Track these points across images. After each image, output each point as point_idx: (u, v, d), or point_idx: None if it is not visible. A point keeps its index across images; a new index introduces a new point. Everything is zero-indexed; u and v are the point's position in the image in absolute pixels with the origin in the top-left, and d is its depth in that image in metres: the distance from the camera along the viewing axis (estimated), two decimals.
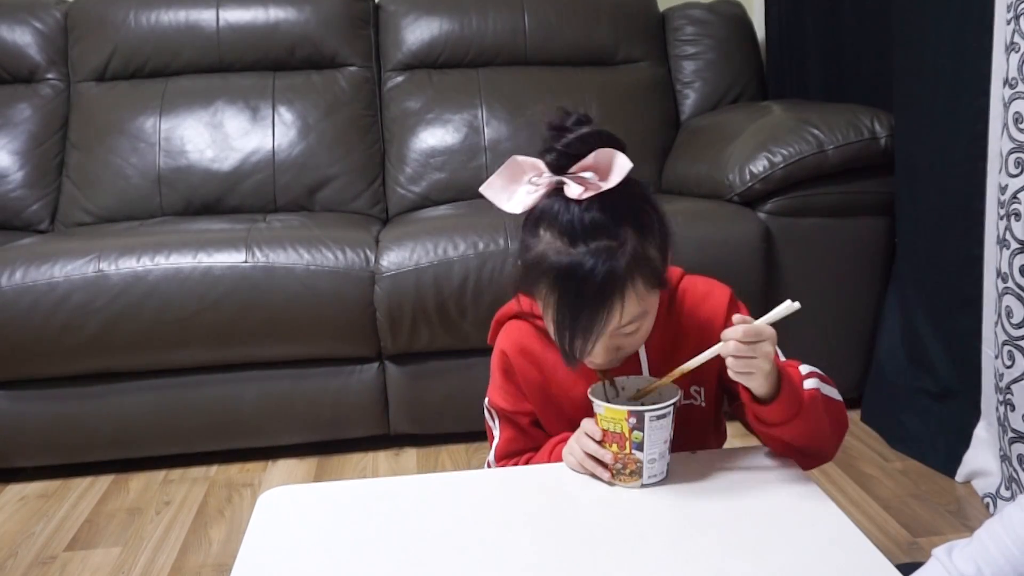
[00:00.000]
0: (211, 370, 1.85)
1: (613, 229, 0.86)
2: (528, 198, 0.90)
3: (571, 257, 0.86)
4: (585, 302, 0.87)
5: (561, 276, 0.87)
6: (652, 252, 0.90)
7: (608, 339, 0.91)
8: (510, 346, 1.05)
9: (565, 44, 2.49)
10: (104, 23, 2.38)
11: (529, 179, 0.90)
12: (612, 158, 0.86)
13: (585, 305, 0.87)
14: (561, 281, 0.87)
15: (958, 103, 1.61)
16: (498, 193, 0.92)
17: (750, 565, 0.81)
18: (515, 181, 0.91)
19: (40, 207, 2.29)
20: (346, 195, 2.34)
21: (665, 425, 0.92)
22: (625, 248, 0.86)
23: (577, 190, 0.86)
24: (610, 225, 0.86)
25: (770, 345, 0.88)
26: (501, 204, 0.92)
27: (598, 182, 0.86)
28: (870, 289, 1.98)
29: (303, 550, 0.87)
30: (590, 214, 0.86)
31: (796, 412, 0.92)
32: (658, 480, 0.94)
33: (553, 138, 0.88)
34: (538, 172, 0.90)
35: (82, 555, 1.59)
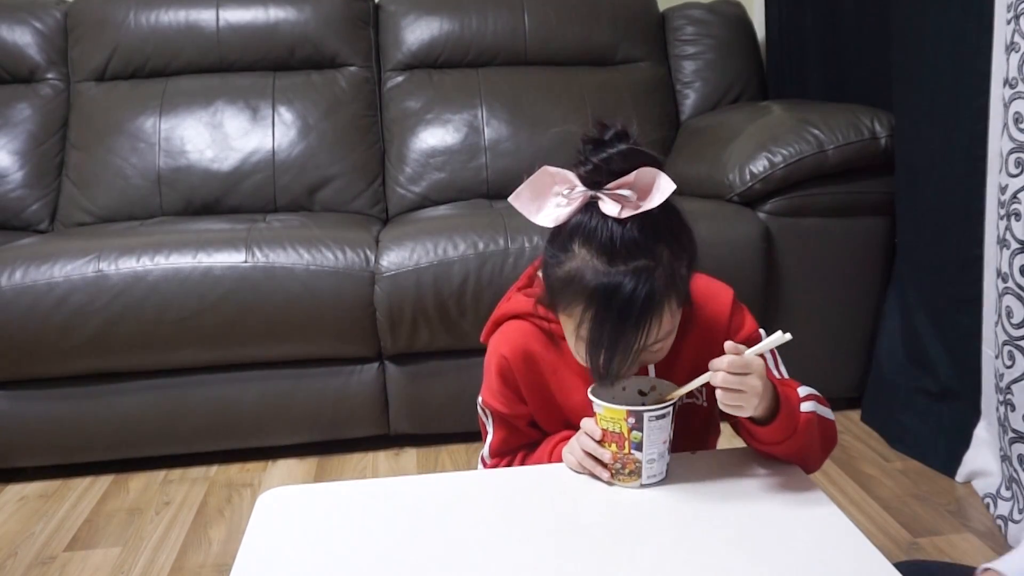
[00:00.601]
0: (211, 370, 1.85)
1: (650, 248, 0.86)
2: (560, 211, 0.88)
3: (611, 277, 0.85)
4: (625, 322, 0.86)
5: (600, 296, 0.85)
6: (683, 271, 0.89)
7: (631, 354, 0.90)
8: (511, 351, 1.03)
9: (565, 44, 2.49)
10: (104, 23, 2.38)
11: (560, 191, 0.89)
12: (655, 178, 0.85)
13: (625, 325, 0.86)
14: (600, 301, 0.86)
15: (958, 103, 1.61)
16: (527, 204, 0.90)
17: (750, 565, 0.81)
18: (544, 193, 0.90)
19: (40, 207, 2.29)
20: (346, 195, 2.34)
21: (664, 426, 0.92)
22: (661, 268, 0.86)
23: (614, 207, 0.85)
24: (648, 244, 0.86)
25: (757, 379, 0.89)
26: (530, 215, 0.90)
27: (637, 201, 0.85)
28: (870, 289, 1.98)
29: (303, 550, 0.87)
30: (630, 233, 0.85)
31: (790, 434, 0.93)
32: (657, 480, 0.94)
33: (591, 152, 0.87)
34: (570, 185, 0.88)
35: (82, 555, 1.59)
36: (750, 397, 0.89)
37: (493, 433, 1.08)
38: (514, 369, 1.03)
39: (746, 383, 0.88)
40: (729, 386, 0.88)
